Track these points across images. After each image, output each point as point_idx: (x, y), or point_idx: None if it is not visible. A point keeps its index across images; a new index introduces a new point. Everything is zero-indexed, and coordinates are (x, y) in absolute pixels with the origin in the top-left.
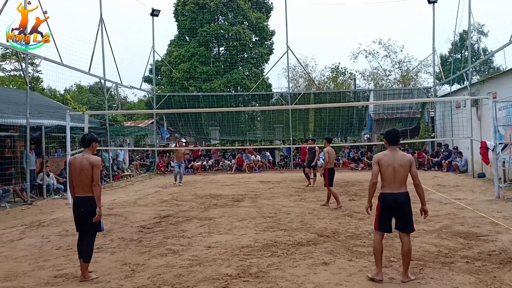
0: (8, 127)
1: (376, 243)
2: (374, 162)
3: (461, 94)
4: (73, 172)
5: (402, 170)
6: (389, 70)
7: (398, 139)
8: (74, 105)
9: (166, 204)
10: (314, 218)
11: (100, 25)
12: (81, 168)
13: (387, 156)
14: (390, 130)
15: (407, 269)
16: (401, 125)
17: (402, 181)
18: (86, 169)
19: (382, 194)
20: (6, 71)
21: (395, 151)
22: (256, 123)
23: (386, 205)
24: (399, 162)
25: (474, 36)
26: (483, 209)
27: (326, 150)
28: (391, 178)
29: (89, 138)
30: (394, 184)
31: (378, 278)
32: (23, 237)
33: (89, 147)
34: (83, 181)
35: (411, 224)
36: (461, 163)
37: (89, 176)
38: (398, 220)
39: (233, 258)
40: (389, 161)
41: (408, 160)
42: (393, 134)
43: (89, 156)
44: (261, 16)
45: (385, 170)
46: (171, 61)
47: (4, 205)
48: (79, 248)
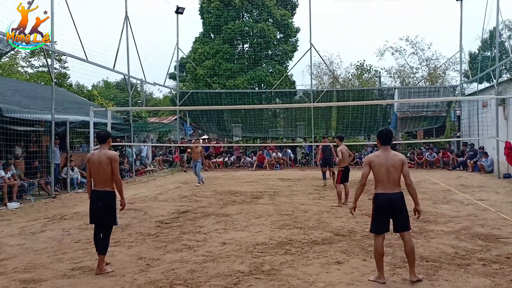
0: (34, 122)
1: (377, 246)
2: (365, 164)
3: (488, 93)
4: (91, 167)
5: (394, 170)
6: (416, 68)
7: (390, 139)
8: (100, 101)
9: (185, 200)
10: (332, 217)
11: (125, 23)
12: (100, 163)
13: (380, 157)
14: (383, 129)
15: (414, 267)
16: (427, 123)
17: (395, 182)
18: (105, 164)
19: (376, 195)
20: (35, 67)
21: (387, 151)
22: (278, 121)
23: (380, 206)
24: (391, 162)
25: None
26: (506, 211)
27: (339, 149)
28: (385, 178)
29: (105, 134)
30: (388, 185)
31: (381, 281)
32: (45, 230)
33: (106, 142)
34: (102, 175)
35: (408, 223)
36: (486, 163)
37: (108, 171)
38: (395, 221)
39: (247, 255)
40: (381, 161)
41: (399, 159)
42: (385, 133)
43: (107, 151)
44: (286, 13)
45: (378, 170)
46: (195, 58)
47: (29, 198)
48: (96, 241)
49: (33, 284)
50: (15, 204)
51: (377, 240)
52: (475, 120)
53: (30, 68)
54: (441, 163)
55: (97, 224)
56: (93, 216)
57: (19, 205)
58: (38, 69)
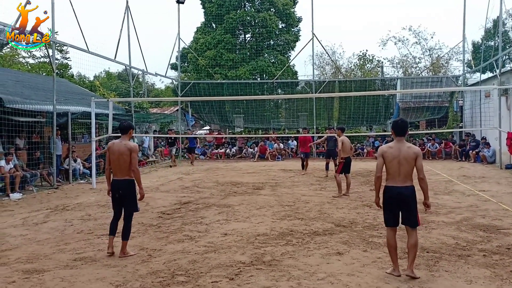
0: (35, 113)
1: (389, 239)
2: (379, 155)
3: (491, 83)
4: (111, 156)
5: (407, 163)
6: (419, 58)
7: (406, 130)
8: (102, 92)
9: (187, 191)
10: (333, 208)
11: (126, 13)
12: (120, 153)
13: (393, 148)
14: (397, 120)
15: (413, 262)
16: (429, 114)
17: (407, 175)
18: (125, 154)
19: (386, 187)
20: (36, 58)
21: (401, 143)
22: (280, 111)
23: (389, 199)
24: (404, 155)
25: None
26: (507, 202)
27: (340, 139)
28: (396, 171)
29: (127, 125)
30: (399, 178)
31: (395, 273)
32: (47, 221)
33: (127, 133)
34: (121, 165)
35: (416, 219)
36: (488, 153)
37: (127, 161)
38: (403, 214)
39: (248, 246)
40: (394, 153)
41: (414, 152)
42: (400, 124)
43: (127, 142)
44: (288, 3)
45: (390, 162)
46: (197, 48)
47: (32, 189)
48: (111, 227)
49: (36, 275)
50: (18, 194)
51: (389, 233)
52: (478, 111)
53: (31, 59)
54: (443, 154)
55: (118, 212)
56: (115, 204)
57: (22, 196)
58: (40, 60)
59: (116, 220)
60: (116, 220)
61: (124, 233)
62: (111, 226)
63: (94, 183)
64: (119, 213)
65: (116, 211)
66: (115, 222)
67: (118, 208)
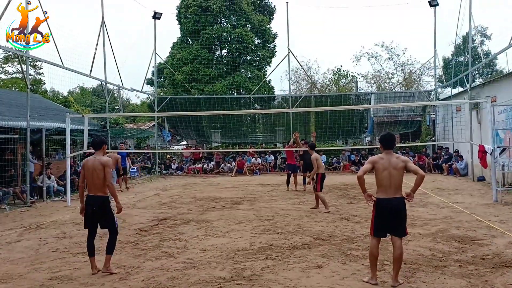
0: (8, 129)
1: (372, 249)
2: (369, 162)
3: (461, 98)
4: (86, 173)
5: (397, 174)
6: (391, 73)
7: (393, 143)
8: (77, 107)
9: (165, 207)
10: (311, 221)
11: (102, 28)
12: (94, 169)
13: (384, 160)
14: (385, 134)
15: (398, 273)
16: (403, 128)
17: (397, 186)
18: (98, 170)
19: (378, 199)
20: (9, 73)
21: (390, 155)
22: (257, 126)
23: (382, 211)
24: (394, 165)
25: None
26: (480, 213)
27: (314, 157)
28: (387, 182)
29: (99, 141)
30: (390, 189)
31: (372, 282)
32: (21, 239)
33: (101, 149)
34: (95, 181)
35: (405, 229)
36: (461, 166)
37: (101, 176)
38: (392, 224)
39: (228, 261)
40: (385, 164)
41: (402, 161)
42: (388, 138)
43: (101, 157)
44: (264, 19)
45: (380, 174)
46: (173, 63)
47: (4, 207)
48: (89, 248)
49: None
50: None
51: (374, 243)
52: (450, 124)
53: (3, 75)
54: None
55: (91, 228)
56: (88, 221)
57: None
58: (12, 75)
59: (92, 239)
60: (92, 239)
61: (108, 247)
62: (88, 248)
63: (69, 200)
64: (93, 231)
65: (90, 229)
66: (91, 241)
67: (92, 226)
